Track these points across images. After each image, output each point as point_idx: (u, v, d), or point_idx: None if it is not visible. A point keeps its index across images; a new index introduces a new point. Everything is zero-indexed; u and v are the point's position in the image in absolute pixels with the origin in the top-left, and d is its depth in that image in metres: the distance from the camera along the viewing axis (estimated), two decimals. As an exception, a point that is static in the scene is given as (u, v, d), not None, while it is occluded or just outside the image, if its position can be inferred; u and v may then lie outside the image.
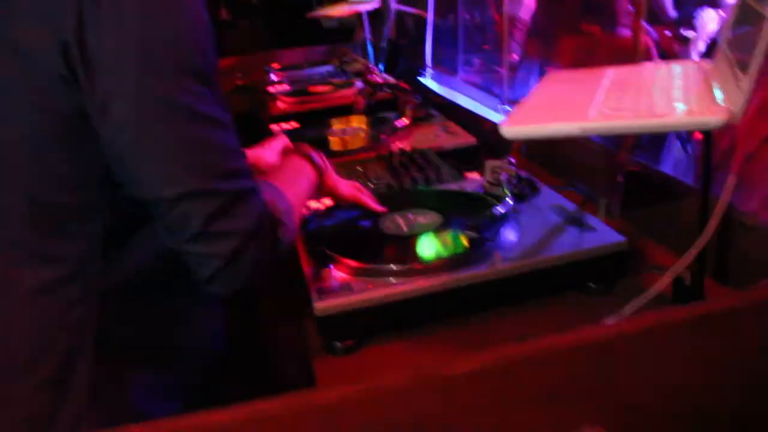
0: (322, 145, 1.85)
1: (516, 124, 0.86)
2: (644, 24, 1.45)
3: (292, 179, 1.13)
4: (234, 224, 0.88)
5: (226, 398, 0.60)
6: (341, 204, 1.32)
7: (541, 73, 2.68)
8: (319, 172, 1.21)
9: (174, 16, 0.84)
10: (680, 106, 0.84)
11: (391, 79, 2.62)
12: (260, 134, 2.65)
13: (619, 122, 0.81)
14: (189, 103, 0.84)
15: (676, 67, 1.10)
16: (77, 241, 0.90)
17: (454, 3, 2.97)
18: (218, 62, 0.91)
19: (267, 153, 1.43)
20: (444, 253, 1.12)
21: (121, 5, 0.79)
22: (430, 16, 2.82)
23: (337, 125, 1.99)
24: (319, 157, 1.22)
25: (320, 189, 1.24)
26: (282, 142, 1.45)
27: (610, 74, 1.10)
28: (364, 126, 1.96)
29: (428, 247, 1.15)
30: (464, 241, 1.14)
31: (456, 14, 2.96)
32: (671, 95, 0.90)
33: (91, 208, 0.91)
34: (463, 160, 1.75)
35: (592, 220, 1.21)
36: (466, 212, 1.25)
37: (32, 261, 0.88)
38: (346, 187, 1.29)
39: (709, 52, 2.08)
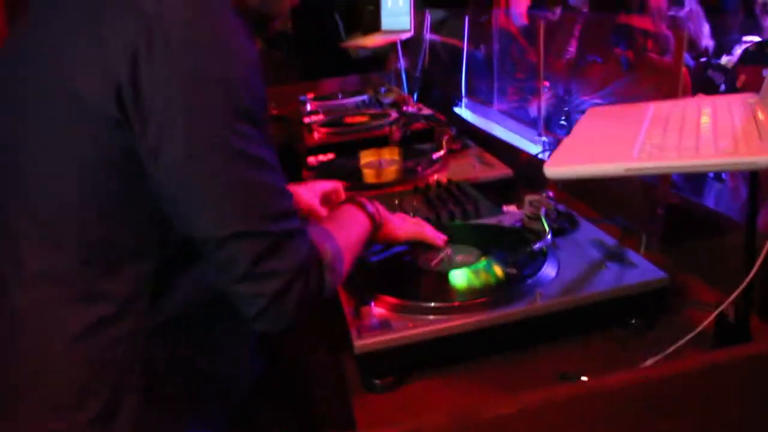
0: (356, 177, 1.86)
1: (560, 165, 0.86)
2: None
3: (342, 225, 1.13)
4: (280, 264, 0.89)
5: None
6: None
7: (574, 99, 2.68)
8: (373, 220, 1.20)
9: (225, 59, 0.85)
10: (726, 145, 0.83)
11: (426, 110, 2.63)
12: (296, 165, 2.68)
13: (664, 163, 0.80)
14: (239, 145, 0.85)
15: (720, 102, 1.09)
16: (126, 280, 0.92)
17: (488, 32, 2.99)
18: (266, 99, 0.92)
19: (305, 192, 1.45)
20: (483, 290, 1.12)
21: (174, 50, 0.82)
22: (465, 46, 2.83)
23: (370, 157, 2.00)
24: (372, 206, 1.22)
25: (378, 237, 1.24)
26: (324, 184, 1.47)
27: (652, 110, 1.10)
28: (397, 157, 1.97)
29: (468, 284, 1.15)
30: (504, 278, 1.14)
31: (490, 44, 2.98)
32: (716, 133, 0.90)
33: (141, 247, 0.93)
34: (499, 191, 1.75)
35: (633, 256, 1.20)
36: (505, 248, 1.25)
37: (82, 299, 0.91)
38: (406, 233, 1.28)
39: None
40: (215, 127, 0.84)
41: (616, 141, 0.92)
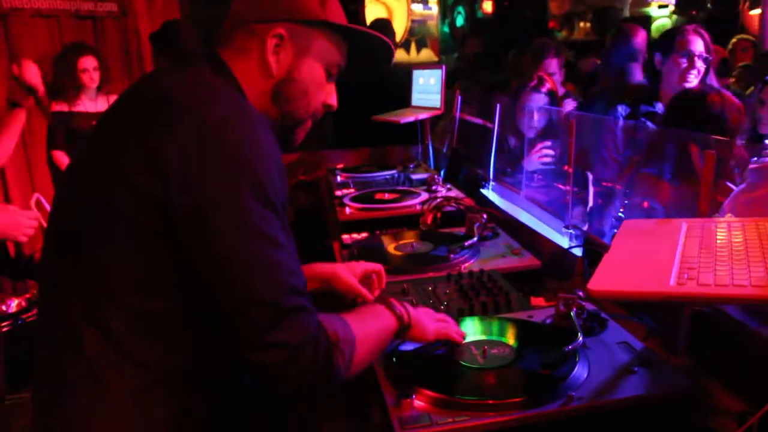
0: (383, 260, 1.93)
1: (602, 287, 0.92)
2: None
3: (363, 319, 1.21)
4: (287, 336, 1.01)
5: None
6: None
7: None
8: (400, 320, 1.26)
9: (256, 160, 1.02)
10: (758, 279, 0.89)
11: (456, 191, 2.71)
12: (322, 232, 2.75)
13: (700, 294, 0.87)
14: (260, 228, 1.01)
15: (750, 226, 1.16)
16: (166, 347, 1.05)
17: (521, 118, 3.09)
18: (286, 194, 1.08)
19: (344, 271, 1.54)
20: (519, 389, 1.17)
21: (220, 148, 1.00)
22: (495, 130, 2.92)
23: (400, 241, 2.08)
24: (401, 307, 1.28)
25: (407, 337, 1.29)
26: (366, 265, 1.55)
27: (685, 228, 1.16)
28: (414, 240, 2.07)
29: (504, 382, 1.21)
30: (538, 378, 1.19)
31: (520, 130, 3.08)
32: (748, 260, 0.96)
33: (178, 318, 1.06)
34: (527, 281, 1.81)
35: (659, 360, 1.25)
36: (539, 345, 1.30)
37: (124, 364, 1.03)
38: (433, 332, 1.32)
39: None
40: (241, 209, 0.99)
41: (653, 263, 0.99)
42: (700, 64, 2.70)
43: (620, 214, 2.42)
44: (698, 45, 2.71)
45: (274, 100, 1.21)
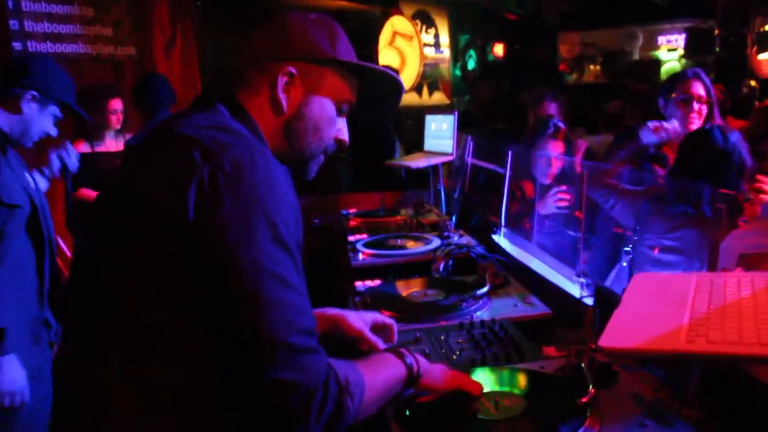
0: (396, 308, 1.95)
1: (614, 344, 0.95)
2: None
3: (373, 366, 1.22)
4: (299, 376, 1.02)
5: None
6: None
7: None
8: (410, 370, 1.26)
9: (271, 200, 1.06)
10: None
11: (468, 238, 2.74)
12: (335, 275, 2.78)
13: (710, 353, 0.89)
14: (273, 268, 1.03)
15: (758, 278, 1.18)
16: (184, 370, 1.06)
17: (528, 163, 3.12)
18: (301, 236, 1.11)
19: (352, 316, 1.56)
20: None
21: (237, 191, 1.03)
22: (507, 177, 2.95)
23: (412, 288, 2.11)
24: (411, 357, 1.29)
25: (417, 387, 1.30)
26: (376, 316, 1.58)
27: (695, 282, 1.19)
28: (427, 288, 2.10)
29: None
30: (550, 431, 1.21)
31: (532, 177, 3.11)
32: (757, 317, 0.98)
33: (192, 345, 1.06)
34: (538, 330, 1.83)
35: (670, 414, 1.25)
36: (550, 397, 1.32)
37: (139, 389, 1.05)
38: (445, 383, 1.32)
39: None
40: (256, 250, 1.02)
41: (664, 319, 1.01)
42: (698, 107, 2.75)
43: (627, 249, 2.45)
44: (698, 88, 2.77)
45: (285, 137, 1.25)
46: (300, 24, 1.26)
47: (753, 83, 5.70)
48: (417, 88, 7.75)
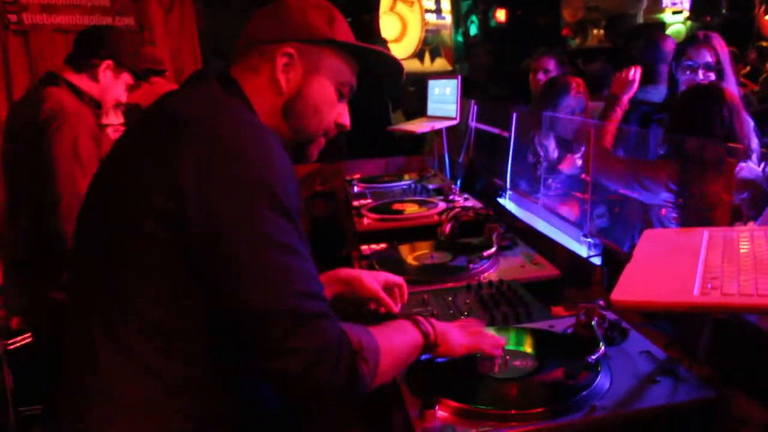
0: (403, 271, 1.94)
1: (627, 298, 0.93)
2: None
3: (388, 332, 1.21)
4: (305, 343, 1.01)
5: None
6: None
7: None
8: (426, 338, 1.26)
9: (269, 170, 1.05)
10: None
11: (473, 201, 2.71)
12: (338, 241, 2.77)
13: (725, 304, 0.87)
14: (273, 234, 1.03)
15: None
16: (184, 360, 1.06)
17: (534, 123, 3.07)
18: (300, 202, 1.10)
19: (368, 277, 1.56)
20: (541, 400, 1.17)
21: (232, 161, 1.03)
22: (512, 140, 2.92)
23: (419, 251, 2.10)
24: (427, 324, 1.28)
25: (436, 354, 1.30)
26: (387, 276, 1.57)
27: (706, 237, 1.17)
28: (433, 251, 2.09)
29: (526, 392, 1.21)
30: (560, 389, 1.19)
31: (537, 138, 3.07)
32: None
33: (197, 329, 1.07)
34: (546, 290, 1.82)
35: (681, 370, 1.25)
36: (560, 355, 1.31)
37: (141, 377, 1.05)
38: (461, 347, 1.31)
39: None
40: (256, 219, 1.02)
41: (676, 272, 0.99)
42: (703, 74, 2.72)
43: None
44: (704, 56, 2.73)
45: (284, 117, 1.25)
46: (298, 6, 1.26)
47: (765, 44, 5.59)
48: (419, 55, 7.67)
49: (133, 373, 1.05)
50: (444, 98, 3.74)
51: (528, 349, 1.36)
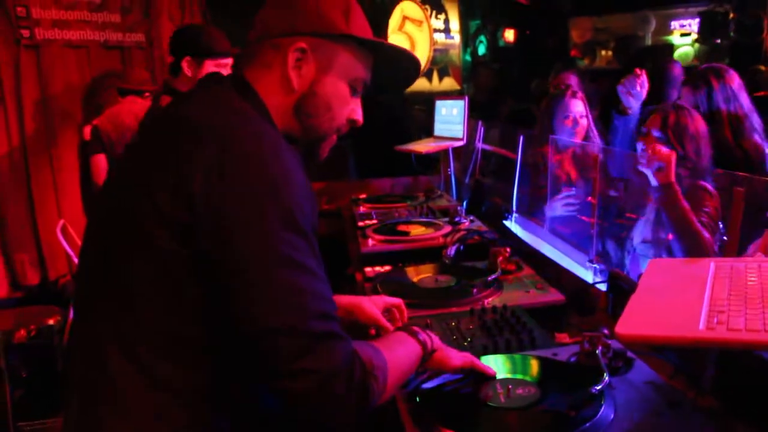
0: (406, 294, 1.91)
1: (631, 332, 0.92)
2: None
3: (391, 346, 1.21)
4: (317, 364, 0.99)
5: None
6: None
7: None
8: (424, 347, 1.26)
9: (284, 187, 1.01)
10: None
11: (478, 223, 2.70)
12: (343, 260, 2.76)
13: (731, 339, 0.86)
14: (286, 252, 1.00)
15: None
16: (192, 372, 1.05)
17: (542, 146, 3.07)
18: (317, 223, 1.07)
19: (368, 304, 1.55)
20: (543, 430, 1.16)
21: (245, 172, 1.00)
22: (518, 162, 2.92)
23: (423, 274, 2.09)
24: (425, 334, 1.29)
25: (430, 364, 1.30)
26: (387, 299, 1.57)
27: (713, 268, 1.15)
28: (437, 274, 2.08)
29: (528, 423, 1.19)
30: (563, 420, 1.18)
31: (545, 161, 3.06)
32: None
33: (204, 342, 1.05)
34: (551, 316, 1.80)
35: (685, 403, 1.23)
36: (563, 385, 1.29)
37: (148, 387, 1.03)
38: (458, 361, 1.32)
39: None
40: (270, 236, 0.99)
41: (682, 305, 0.98)
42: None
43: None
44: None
45: (296, 115, 1.20)
46: None
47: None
48: (427, 74, 7.69)
49: (142, 385, 1.03)
50: (451, 119, 3.74)
51: (531, 377, 1.35)
